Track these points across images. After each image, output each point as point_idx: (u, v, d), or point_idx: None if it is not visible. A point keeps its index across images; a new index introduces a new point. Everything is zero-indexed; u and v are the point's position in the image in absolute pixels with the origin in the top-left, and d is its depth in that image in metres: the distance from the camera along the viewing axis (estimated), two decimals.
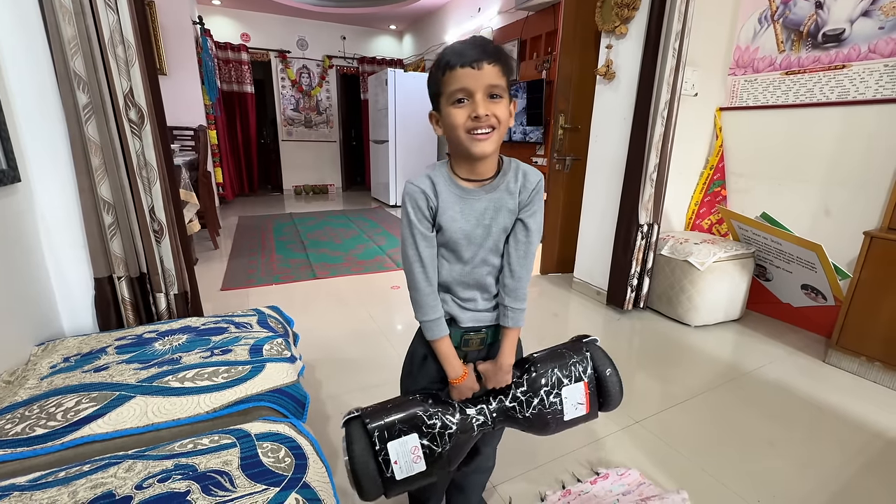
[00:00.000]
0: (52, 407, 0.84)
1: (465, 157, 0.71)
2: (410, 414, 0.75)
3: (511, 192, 0.75)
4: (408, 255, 0.75)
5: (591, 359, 0.85)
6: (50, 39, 1.17)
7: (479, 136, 0.67)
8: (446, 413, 0.77)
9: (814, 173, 2.06)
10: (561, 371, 0.82)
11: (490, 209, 0.74)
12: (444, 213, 0.72)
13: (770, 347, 1.97)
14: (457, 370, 0.78)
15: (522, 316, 0.80)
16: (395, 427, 0.73)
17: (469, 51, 0.65)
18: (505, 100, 0.69)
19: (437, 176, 0.73)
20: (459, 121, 0.67)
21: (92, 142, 1.23)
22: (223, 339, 1.13)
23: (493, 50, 0.67)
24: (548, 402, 0.81)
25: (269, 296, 2.49)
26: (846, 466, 1.25)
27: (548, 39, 3.77)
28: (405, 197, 0.73)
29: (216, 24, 5.62)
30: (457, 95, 0.66)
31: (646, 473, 1.20)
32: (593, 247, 2.51)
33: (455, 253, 0.76)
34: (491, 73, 0.66)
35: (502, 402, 0.81)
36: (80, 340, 1.16)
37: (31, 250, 1.24)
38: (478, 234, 0.74)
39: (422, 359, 0.83)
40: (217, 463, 0.67)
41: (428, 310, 0.76)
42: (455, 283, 0.78)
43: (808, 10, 2.01)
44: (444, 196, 0.72)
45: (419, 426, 0.74)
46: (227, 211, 5.12)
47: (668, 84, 1.97)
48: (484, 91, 0.66)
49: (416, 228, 0.72)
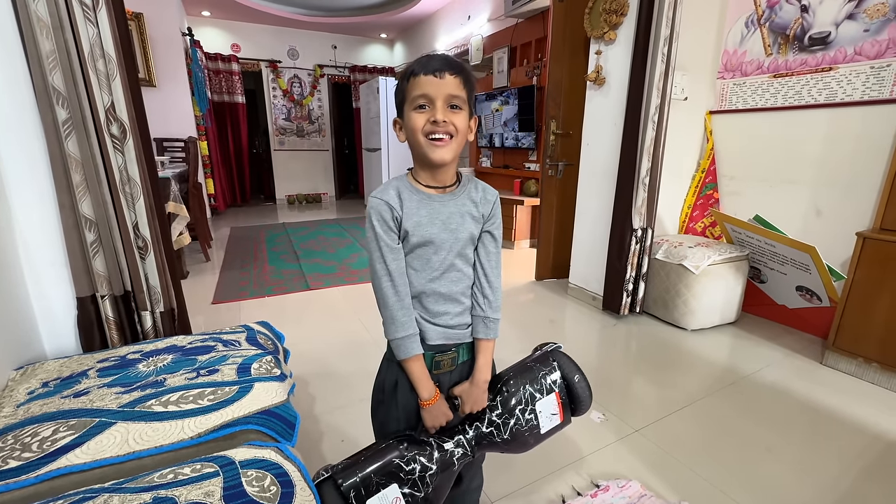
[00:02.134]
0: (27, 437, 0.80)
1: (426, 164, 0.74)
2: (386, 463, 0.71)
3: (474, 201, 0.77)
4: (376, 270, 0.74)
5: (559, 367, 0.85)
6: (28, 54, 1.14)
7: (437, 143, 0.70)
8: (423, 454, 0.73)
9: (804, 174, 2.07)
10: (532, 386, 0.81)
11: (456, 214, 0.75)
12: (410, 219, 0.72)
13: (767, 350, 1.96)
14: (429, 391, 0.76)
15: (498, 326, 0.81)
16: (371, 481, 0.68)
17: (433, 61, 0.69)
18: (464, 112, 0.72)
19: (400, 185, 0.75)
20: (419, 124, 0.70)
21: (72, 158, 1.20)
22: (210, 359, 1.10)
23: (457, 64, 0.70)
24: (524, 419, 0.80)
25: (262, 308, 2.46)
26: (846, 471, 1.24)
27: (538, 46, 3.79)
28: (370, 211, 0.73)
29: (206, 35, 5.61)
30: (418, 101, 0.69)
31: (646, 484, 1.18)
32: (588, 252, 2.50)
33: (423, 259, 0.75)
34: (452, 84, 0.69)
35: (479, 428, 0.79)
36: (61, 363, 1.12)
37: (10, 269, 1.20)
38: (444, 238, 0.74)
39: (393, 386, 0.80)
40: (198, 494, 0.64)
41: (399, 326, 0.73)
42: (426, 295, 0.76)
43: (793, 14, 2.02)
44: (409, 203, 0.73)
45: (397, 474, 0.70)
46: (219, 222, 5.07)
47: (658, 89, 1.97)
48: (444, 99, 0.69)
49: (382, 241, 0.72)
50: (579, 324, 2.29)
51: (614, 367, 1.88)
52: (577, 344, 2.10)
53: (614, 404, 1.55)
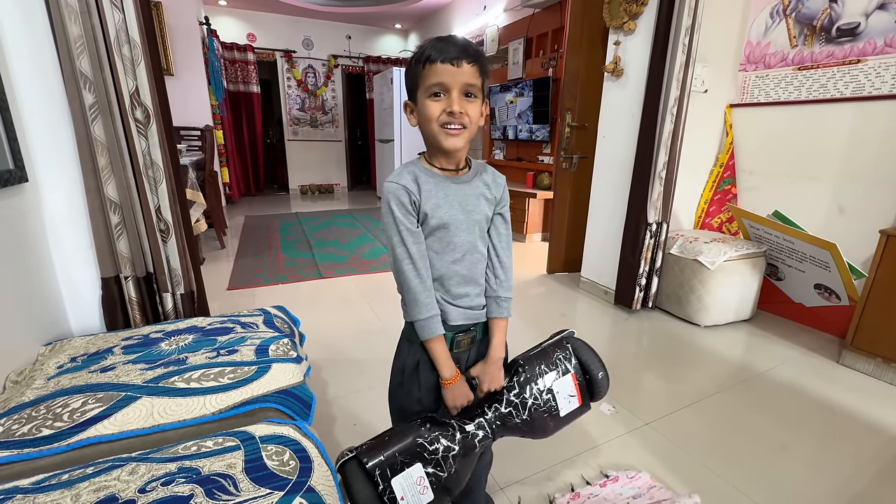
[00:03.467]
0: (58, 407, 0.84)
1: (438, 150, 0.74)
2: (410, 442, 0.71)
3: (486, 183, 0.79)
4: (396, 255, 0.74)
5: (574, 350, 0.87)
6: (56, 39, 1.17)
7: (451, 131, 0.70)
8: (446, 434, 0.74)
9: (827, 170, 2.02)
10: (548, 367, 0.83)
11: (471, 196, 0.77)
12: (428, 201, 0.73)
13: (782, 348, 1.93)
14: (451, 370, 0.77)
15: (511, 305, 0.84)
16: (396, 460, 0.69)
17: (450, 48, 0.68)
18: (479, 100, 0.72)
19: (416, 169, 0.75)
20: (434, 113, 0.70)
21: (98, 141, 1.23)
22: (229, 340, 1.13)
23: (474, 51, 0.69)
24: (542, 399, 0.81)
25: (275, 295, 2.50)
26: (861, 471, 1.22)
27: (554, 37, 3.73)
28: (387, 196, 0.73)
29: (222, 25, 5.64)
30: (434, 89, 0.69)
31: (656, 476, 1.18)
32: (601, 246, 2.48)
33: (444, 241, 0.75)
34: (469, 72, 0.68)
35: (498, 409, 0.80)
36: (87, 340, 1.16)
37: (39, 250, 1.24)
38: (462, 219, 0.75)
39: (414, 366, 0.80)
40: (221, 466, 0.67)
41: (422, 308, 0.74)
42: (448, 277, 0.77)
43: (821, 4, 1.96)
44: (426, 186, 0.73)
45: (421, 454, 0.70)
46: (234, 210, 5.14)
47: (678, 80, 1.94)
48: (460, 88, 0.69)
49: (402, 225, 0.72)
50: (591, 318, 2.29)
51: (625, 361, 1.88)
52: (589, 337, 2.07)
53: (625, 397, 1.55)
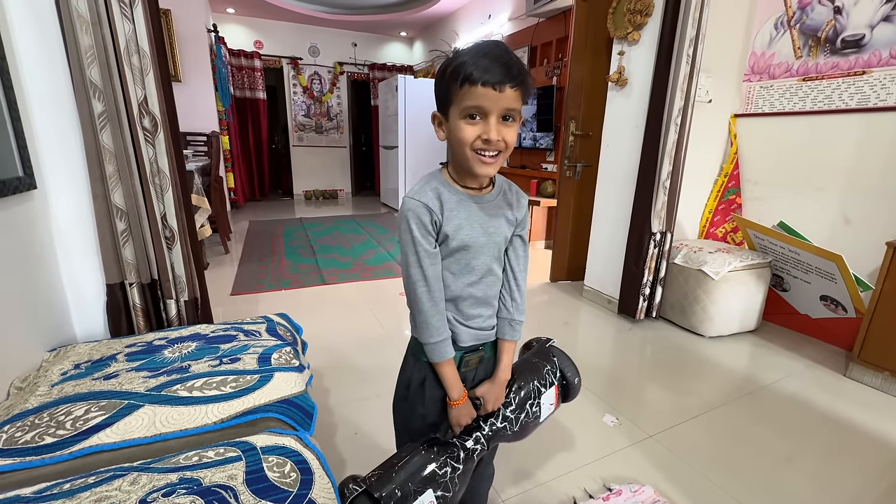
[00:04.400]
0: (61, 415, 0.84)
1: (467, 173, 0.70)
2: (420, 468, 0.70)
3: (509, 204, 0.76)
4: (410, 276, 0.71)
5: (558, 362, 0.90)
6: (67, 49, 1.19)
7: (486, 159, 0.66)
8: (453, 457, 0.74)
9: (832, 181, 2.01)
10: (539, 382, 0.86)
11: (494, 217, 0.74)
12: (450, 222, 0.70)
13: (787, 360, 1.91)
14: (459, 391, 0.76)
15: (521, 328, 0.82)
16: (409, 490, 0.67)
17: (494, 69, 0.61)
18: (517, 122, 0.67)
19: (439, 185, 0.70)
20: (469, 138, 0.65)
21: (106, 149, 1.25)
22: (232, 348, 1.13)
23: (518, 71, 0.63)
24: (531, 412, 0.84)
25: (279, 301, 2.50)
26: (868, 487, 1.20)
27: (558, 46, 3.76)
28: (406, 213, 0.69)
29: (230, 32, 5.72)
30: (470, 111, 0.64)
31: (660, 490, 1.17)
32: (604, 255, 2.47)
33: (462, 263, 0.73)
34: (511, 97, 0.63)
35: (493, 424, 0.81)
36: (91, 347, 1.17)
37: (45, 256, 1.25)
38: (483, 241, 0.73)
39: (420, 382, 0.79)
40: (222, 477, 0.66)
41: (433, 331, 0.72)
42: (463, 299, 0.75)
43: (826, 16, 1.97)
44: (449, 205, 0.69)
45: (433, 479, 0.70)
46: (239, 216, 5.17)
47: (682, 90, 1.94)
48: (499, 113, 0.64)
49: (419, 246, 0.69)
50: (594, 327, 2.28)
51: (629, 371, 1.86)
52: (592, 347, 2.08)
53: (628, 409, 1.53)
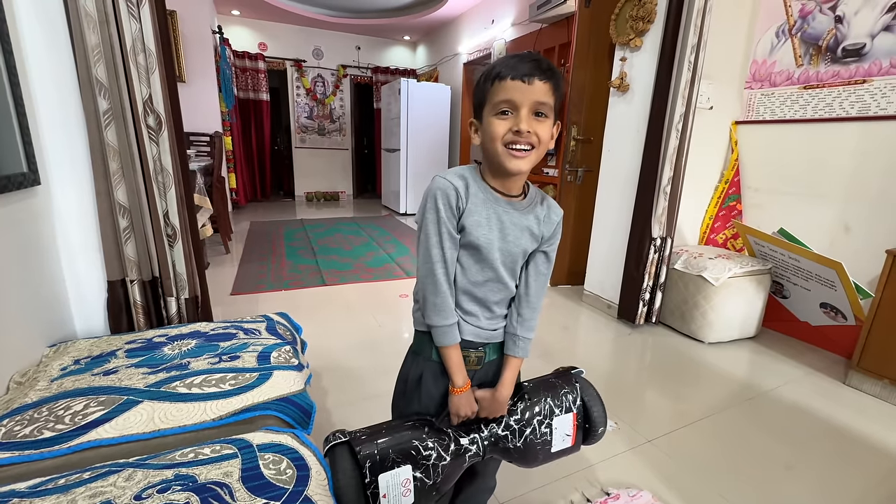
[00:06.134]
0: (60, 410, 0.84)
1: (498, 170, 0.70)
2: (406, 442, 0.70)
3: (538, 218, 0.74)
4: (431, 255, 0.69)
5: (581, 390, 0.86)
6: (74, 47, 1.20)
7: (516, 153, 0.66)
8: (441, 443, 0.74)
9: (833, 189, 2.01)
10: (553, 401, 0.82)
11: (516, 227, 0.72)
12: (471, 216, 0.68)
13: (787, 367, 1.91)
14: (464, 378, 0.75)
15: (529, 346, 0.79)
16: (388, 457, 0.67)
17: (522, 64, 0.63)
18: (549, 120, 0.67)
19: (469, 175, 0.70)
20: (500, 132, 0.65)
21: (110, 147, 1.25)
22: (231, 346, 1.13)
23: (547, 66, 0.64)
24: (539, 431, 0.80)
25: (279, 301, 2.50)
26: (868, 495, 1.20)
27: (561, 51, 3.77)
28: (435, 191, 0.67)
29: (235, 34, 5.75)
30: (501, 107, 0.65)
31: (658, 495, 1.16)
32: (605, 259, 2.48)
33: (471, 261, 0.72)
34: (541, 90, 0.64)
35: (494, 430, 0.79)
36: (91, 343, 1.17)
37: (48, 252, 1.26)
38: (497, 246, 0.71)
39: (417, 378, 0.79)
40: (217, 474, 0.66)
41: (446, 314, 0.71)
42: (461, 293, 0.74)
43: (827, 25, 1.98)
44: (474, 198, 0.69)
45: (414, 457, 0.69)
46: (240, 216, 5.18)
47: (683, 97, 1.95)
48: (530, 107, 0.64)
49: (444, 225, 0.67)
50: (593, 331, 2.27)
51: (628, 376, 1.86)
52: (591, 351, 2.08)
53: (627, 414, 1.53)
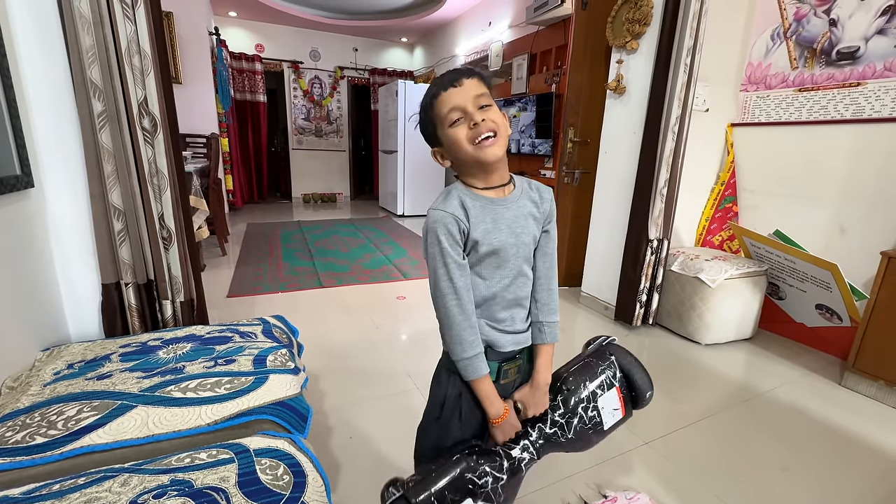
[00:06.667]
0: (53, 415, 0.84)
1: (478, 170, 0.72)
2: (458, 477, 0.67)
3: (533, 201, 0.77)
4: (441, 288, 0.70)
5: (617, 361, 0.84)
6: (69, 49, 1.19)
7: (485, 143, 0.69)
8: (494, 465, 0.71)
9: (828, 191, 2.02)
10: (592, 382, 0.80)
11: (519, 218, 0.74)
12: (478, 228, 0.70)
13: (783, 368, 1.92)
14: (499, 408, 0.73)
15: (558, 329, 0.80)
16: (445, 498, 0.64)
17: (445, 77, 0.71)
18: (494, 106, 0.72)
19: (461, 193, 0.72)
20: (461, 136, 0.69)
21: (105, 149, 1.25)
22: (227, 349, 1.12)
23: (465, 68, 0.72)
24: (587, 417, 0.78)
25: (275, 303, 2.49)
26: (864, 496, 1.20)
27: (558, 53, 3.79)
28: (434, 226, 0.69)
29: (231, 35, 5.74)
30: (452, 117, 0.70)
31: (655, 498, 1.16)
32: (602, 261, 2.48)
33: (492, 267, 0.73)
34: (473, 86, 0.70)
35: (542, 430, 0.77)
36: (85, 347, 1.16)
37: (41, 255, 1.25)
38: (512, 243, 0.73)
39: (456, 398, 0.76)
40: (214, 479, 0.66)
41: (467, 346, 0.70)
42: (494, 303, 0.74)
43: (821, 28, 1.99)
44: (474, 211, 0.71)
45: (472, 490, 0.67)
46: (237, 218, 5.16)
47: (679, 99, 1.96)
48: (473, 102, 0.69)
49: (449, 258, 0.69)
50: (591, 333, 2.26)
51: None
52: None
53: None
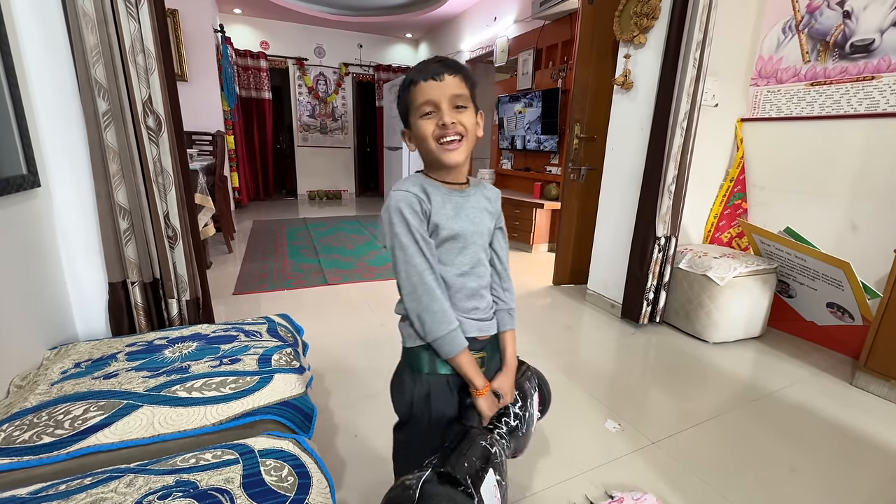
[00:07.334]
0: (60, 414, 0.84)
1: (439, 167, 0.74)
2: (478, 446, 0.67)
3: (487, 198, 0.81)
4: (415, 265, 0.69)
5: (534, 373, 0.96)
6: (73, 47, 1.19)
7: (448, 146, 0.71)
8: (496, 441, 0.74)
9: (840, 187, 1.99)
10: (529, 384, 0.90)
11: (476, 209, 0.78)
12: (439, 213, 0.72)
13: (793, 367, 1.89)
14: (483, 378, 0.76)
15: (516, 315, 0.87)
16: (476, 466, 0.63)
17: (430, 65, 0.70)
18: (470, 109, 0.72)
19: (422, 181, 0.74)
20: (428, 131, 0.70)
21: (110, 148, 1.25)
22: (232, 348, 1.12)
23: (453, 63, 0.71)
24: (531, 412, 0.87)
25: (281, 301, 2.50)
26: (875, 497, 1.18)
27: (564, 48, 3.75)
28: (398, 204, 0.69)
29: (236, 32, 5.74)
30: (424, 109, 0.70)
31: (662, 498, 1.15)
32: (608, 258, 2.46)
33: (453, 253, 0.75)
34: (453, 84, 0.69)
35: (508, 423, 0.82)
36: (92, 345, 1.17)
37: (48, 254, 1.26)
38: (471, 231, 0.76)
39: (423, 399, 0.76)
40: (219, 480, 0.66)
41: (449, 318, 0.71)
42: (457, 290, 0.76)
43: (835, 20, 1.95)
44: (435, 197, 0.73)
45: (491, 459, 0.68)
46: (242, 215, 5.19)
47: (688, 94, 1.93)
48: (449, 101, 0.69)
49: (418, 233, 0.69)
50: (597, 331, 2.26)
51: (632, 376, 1.85)
52: (594, 351, 2.06)
53: (630, 414, 1.52)
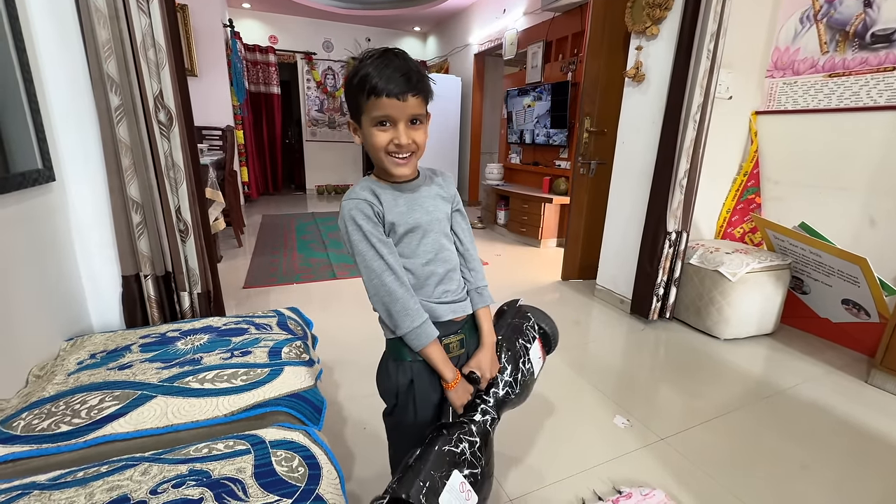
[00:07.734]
0: (76, 404, 0.86)
1: (388, 174, 0.75)
2: (438, 454, 0.69)
3: (438, 184, 0.82)
4: (374, 268, 0.72)
5: (534, 317, 0.98)
6: (86, 43, 1.20)
7: (399, 161, 0.72)
8: (464, 433, 0.74)
9: (857, 181, 1.94)
10: (523, 339, 0.92)
11: (429, 197, 0.79)
12: (391, 212, 0.73)
13: (806, 365, 1.86)
14: (453, 370, 0.77)
15: (488, 291, 0.87)
16: (434, 479, 0.66)
17: (394, 79, 0.66)
18: (425, 123, 0.74)
19: (371, 184, 0.75)
20: (382, 143, 0.70)
21: (122, 143, 1.26)
22: (243, 341, 1.14)
23: (417, 80, 0.68)
24: (525, 369, 0.89)
25: (290, 294, 2.52)
26: (889, 498, 1.16)
27: (574, 41, 3.70)
28: (351, 213, 0.72)
29: (245, 27, 5.76)
30: (380, 119, 0.69)
31: (671, 494, 1.15)
32: (618, 253, 2.44)
33: (413, 245, 0.76)
34: (414, 104, 0.69)
35: (496, 393, 0.84)
36: (107, 337, 1.19)
37: (64, 247, 1.28)
38: (427, 220, 0.77)
39: (407, 385, 0.79)
40: (231, 470, 0.67)
41: (415, 315, 0.73)
42: (426, 279, 0.77)
43: (855, 9, 1.89)
44: (385, 197, 0.74)
45: (453, 460, 0.69)
46: (252, 209, 5.23)
47: (701, 87, 1.89)
48: (406, 119, 0.70)
49: (373, 237, 0.72)
50: (606, 326, 2.25)
51: (641, 372, 1.83)
52: (603, 347, 2.05)
53: (639, 410, 1.51)
